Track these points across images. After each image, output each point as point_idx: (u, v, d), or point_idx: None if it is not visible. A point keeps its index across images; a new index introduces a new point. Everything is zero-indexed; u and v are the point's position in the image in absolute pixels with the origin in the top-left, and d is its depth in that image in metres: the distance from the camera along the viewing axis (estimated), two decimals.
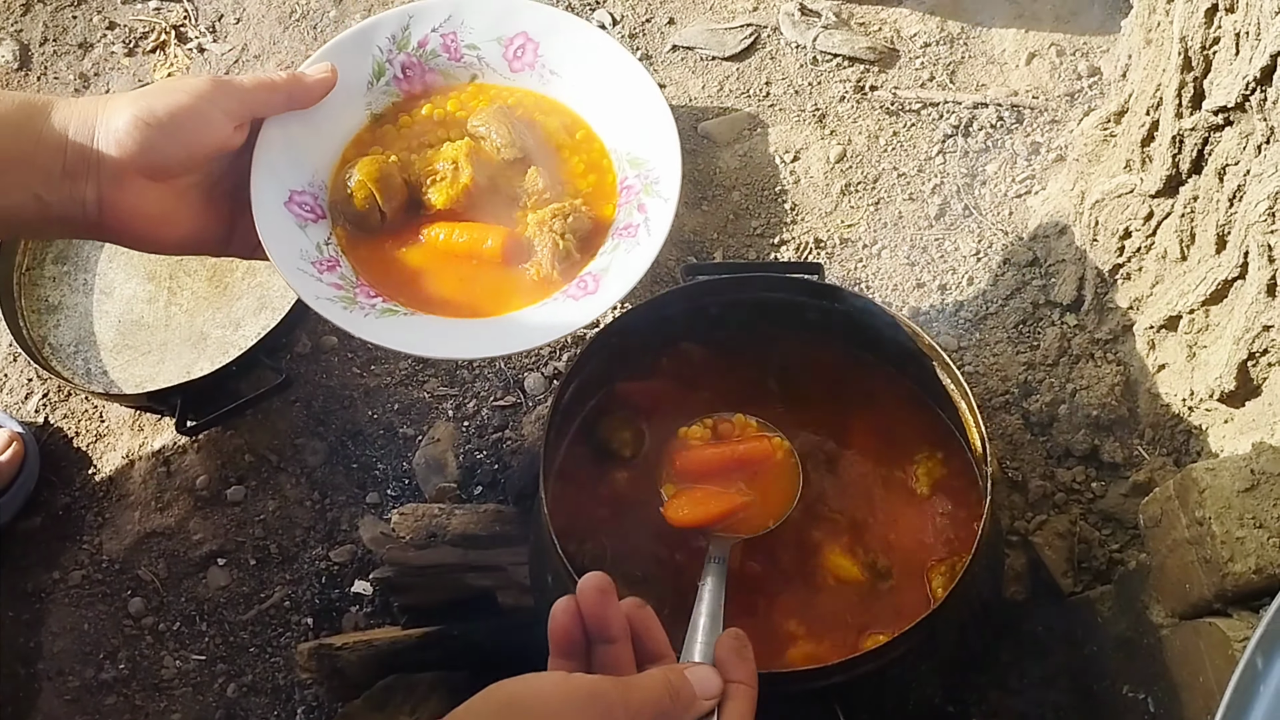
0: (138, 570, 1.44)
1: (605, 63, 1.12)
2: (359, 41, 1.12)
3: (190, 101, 0.98)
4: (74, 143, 0.96)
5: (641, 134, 1.10)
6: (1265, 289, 1.10)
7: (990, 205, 1.54)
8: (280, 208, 1.05)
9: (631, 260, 1.03)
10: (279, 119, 1.06)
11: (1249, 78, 1.04)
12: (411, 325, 1.03)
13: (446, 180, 1.08)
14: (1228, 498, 0.97)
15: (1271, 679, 0.75)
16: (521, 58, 1.15)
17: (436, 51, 1.14)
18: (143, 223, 1.01)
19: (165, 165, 0.99)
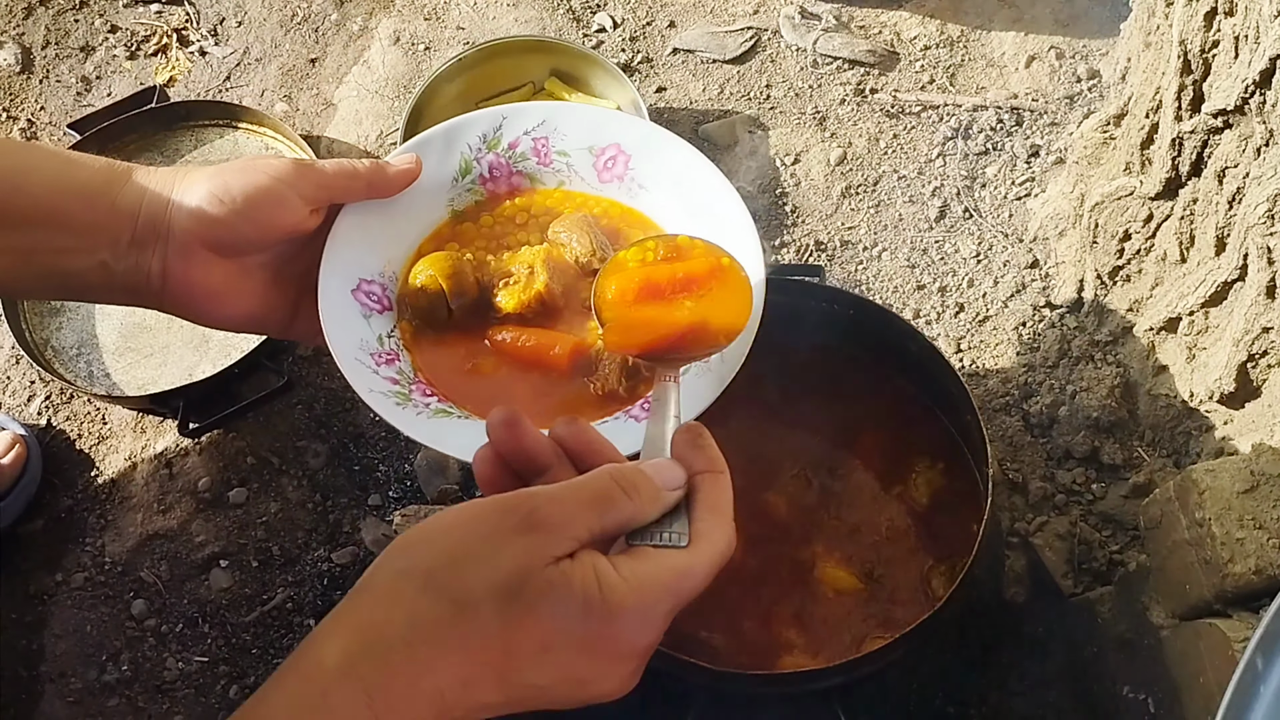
0: (140, 572, 1.44)
1: (695, 182, 1.08)
2: (449, 137, 1.09)
3: (268, 183, 0.97)
4: (146, 212, 0.96)
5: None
6: (1265, 291, 1.11)
7: (990, 207, 1.54)
8: (347, 295, 1.02)
9: (699, 385, 0.97)
10: (357, 207, 1.04)
11: (1248, 81, 1.05)
12: (463, 429, 0.98)
13: (520, 284, 1.04)
14: (1228, 499, 0.97)
15: (1272, 680, 0.75)
16: (611, 169, 1.11)
17: (526, 155, 1.11)
18: (205, 298, 0.99)
19: (235, 244, 0.98)
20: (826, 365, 1.27)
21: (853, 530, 1.19)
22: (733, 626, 1.15)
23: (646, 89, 1.69)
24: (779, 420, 1.26)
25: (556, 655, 0.67)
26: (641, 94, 1.63)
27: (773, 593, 1.17)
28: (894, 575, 1.18)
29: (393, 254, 1.07)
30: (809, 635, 1.14)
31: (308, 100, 1.78)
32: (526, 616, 0.66)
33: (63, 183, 0.96)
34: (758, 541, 1.19)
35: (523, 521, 0.67)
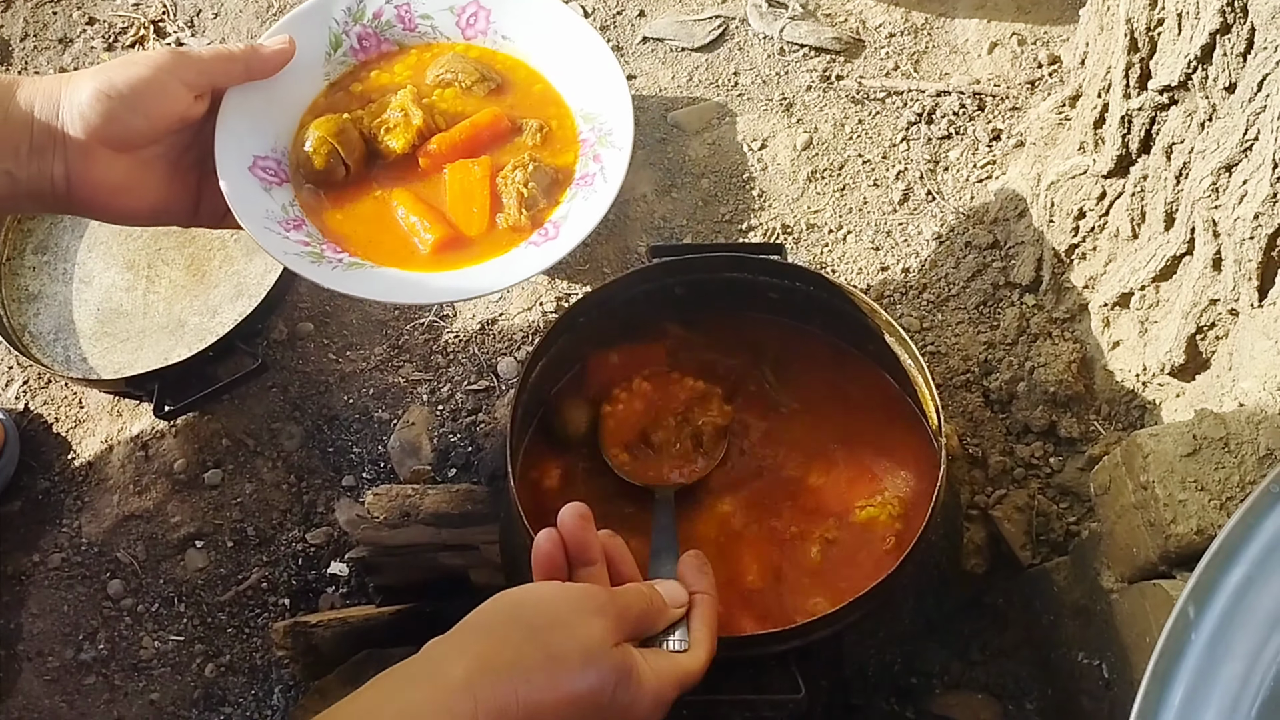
0: (116, 553, 1.46)
1: (554, 24, 1.18)
2: (316, 14, 1.17)
3: (149, 73, 1.02)
4: (39, 119, 1.00)
5: (593, 90, 1.15)
6: (1211, 264, 1.14)
7: (952, 190, 1.57)
8: (245, 172, 1.09)
9: (589, 207, 1.09)
10: (240, 89, 1.10)
11: (1190, 56, 1.08)
12: (380, 275, 1.07)
13: (400, 126, 1.13)
14: (1170, 462, 1.00)
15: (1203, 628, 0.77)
16: (474, 25, 1.20)
17: (391, 22, 1.20)
18: (109, 194, 1.04)
19: (128, 136, 1.02)
20: (786, 341, 1.30)
21: (812, 503, 1.22)
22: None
23: None
24: (737, 394, 1.28)
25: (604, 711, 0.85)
26: None
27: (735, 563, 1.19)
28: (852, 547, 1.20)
29: (279, 129, 1.15)
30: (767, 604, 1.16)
31: None
32: (596, 676, 0.85)
33: None
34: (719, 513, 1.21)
35: (599, 608, 0.88)
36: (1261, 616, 0.75)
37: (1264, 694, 0.73)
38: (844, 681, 1.14)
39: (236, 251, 1.60)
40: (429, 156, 1.13)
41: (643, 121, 1.66)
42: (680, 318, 1.31)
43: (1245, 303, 1.09)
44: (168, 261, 1.61)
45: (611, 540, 0.97)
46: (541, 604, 0.88)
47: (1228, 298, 1.12)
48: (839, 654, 1.11)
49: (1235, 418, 0.99)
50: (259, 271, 1.57)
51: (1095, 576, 1.13)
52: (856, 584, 1.11)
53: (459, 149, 1.14)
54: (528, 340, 1.54)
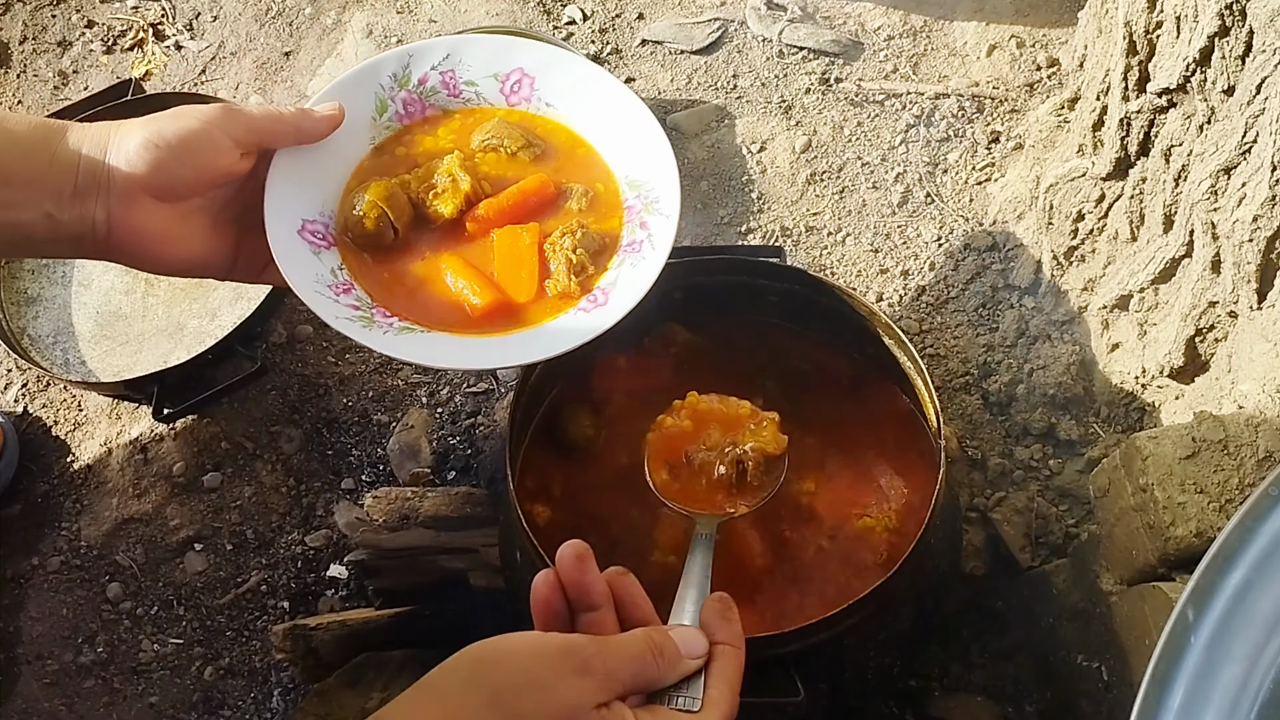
0: (116, 556, 1.46)
1: (598, 92, 1.16)
2: (363, 79, 1.16)
3: (199, 127, 1.01)
4: (86, 163, 0.99)
5: (638, 156, 1.14)
6: (1210, 266, 1.14)
7: (951, 192, 1.57)
8: (294, 236, 1.08)
9: (638, 274, 1.07)
10: (288, 153, 1.10)
11: (1189, 59, 1.08)
12: (431, 340, 1.06)
13: (448, 191, 1.12)
14: (1169, 464, 1.00)
15: (1203, 630, 0.77)
16: (518, 92, 1.19)
17: (436, 88, 1.19)
18: (149, 242, 1.03)
19: (172, 186, 1.01)
20: (787, 343, 1.30)
21: (810, 504, 1.21)
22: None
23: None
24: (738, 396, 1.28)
25: None
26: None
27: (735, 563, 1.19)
28: (851, 547, 1.20)
29: (326, 194, 1.14)
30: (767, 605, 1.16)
31: (282, 93, 1.81)
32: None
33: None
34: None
35: (580, 665, 0.77)
36: (1260, 619, 0.75)
37: (1263, 696, 0.73)
38: (843, 684, 1.14)
39: None
40: (477, 221, 1.12)
41: None
42: (681, 320, 1.30)
43: (1244, 305, 1.10)
44: None
45: (621, 579, 0.86)
46: (510, 661, 0.77)
47: (1227, 300, 1.12)
48: (838, 657, 1.11)
49: (1234, 420, 0.99)
50: None
51: (1094, 579, 1.13)
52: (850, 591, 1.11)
53: (506, 214, 1.13)
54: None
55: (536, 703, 0.75)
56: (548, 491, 1.25)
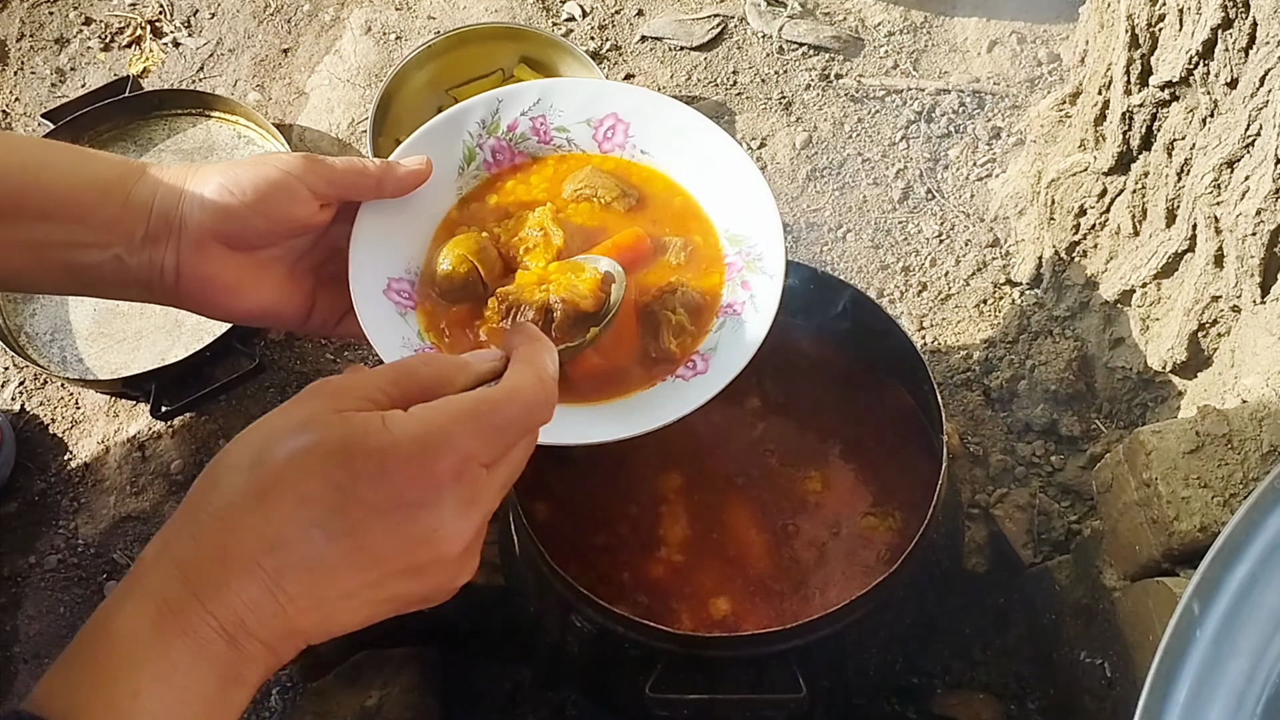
0: (113, 554, 1.45)
1: (697, 140, 1.10)
2: (449, 128, 1.10)
3: (278, 176, 0.98)
4: (160, 207, 0.97)
5: (739, 210, 1.07)
6: (1213, 260, 1.13)
7: (952, 188, 1.57)
8: (380, 296, 1.03)
9: (739, 339, 1.01)
10: (374, 206, 1.05)
11: (1192, 52, 1.07)
12: None
13: (540, 246, 1.06)
14: (1173, 459, 0.99)
15: (1208, 625, 0.77)
16: (612, 139, 1.13)
17: (526, 135, 1.12)
18: (219, 292, 1.00)
19: (246, 236, 0.98)
20: (786, 339, 1.29)
21: (811, 500, 1.21)
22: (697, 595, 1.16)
23: (615, 76, 1.71)
24: (737, 393, 1.28)
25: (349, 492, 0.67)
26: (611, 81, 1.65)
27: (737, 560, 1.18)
28: (853, 545, 1.19)
29: (413, 250, 1.07)
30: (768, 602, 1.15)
31: (280, 89, 1.80)
32: (308, 454, 0.67)
33: (78, 177, 0.96)
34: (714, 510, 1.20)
35: (310, 391, 0.71)
36: (1266, 613, 0.75)
37: (1270, 690, 0.73)
38: (845, 681, 1.13)
39: None
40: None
41: None
42: None
43: (1247, 299, 1.09)
44: None
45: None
46: (247, 432, 0.70)
47: (1230, 294, 1.11)
48: (840, 653, 1.10)
49: (1238, 414, 0.99)
50: None
51: (1097, 575, 1.12)
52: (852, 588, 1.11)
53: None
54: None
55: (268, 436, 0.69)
56: (547, 488, 1.24)
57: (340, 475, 0.67)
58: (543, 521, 1.20)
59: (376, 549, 0.68)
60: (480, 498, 0.72)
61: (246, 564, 0.66)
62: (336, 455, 0.67)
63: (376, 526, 0.68)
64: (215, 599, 0.66)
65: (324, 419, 0.69)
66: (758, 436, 1.25)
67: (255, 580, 0.66)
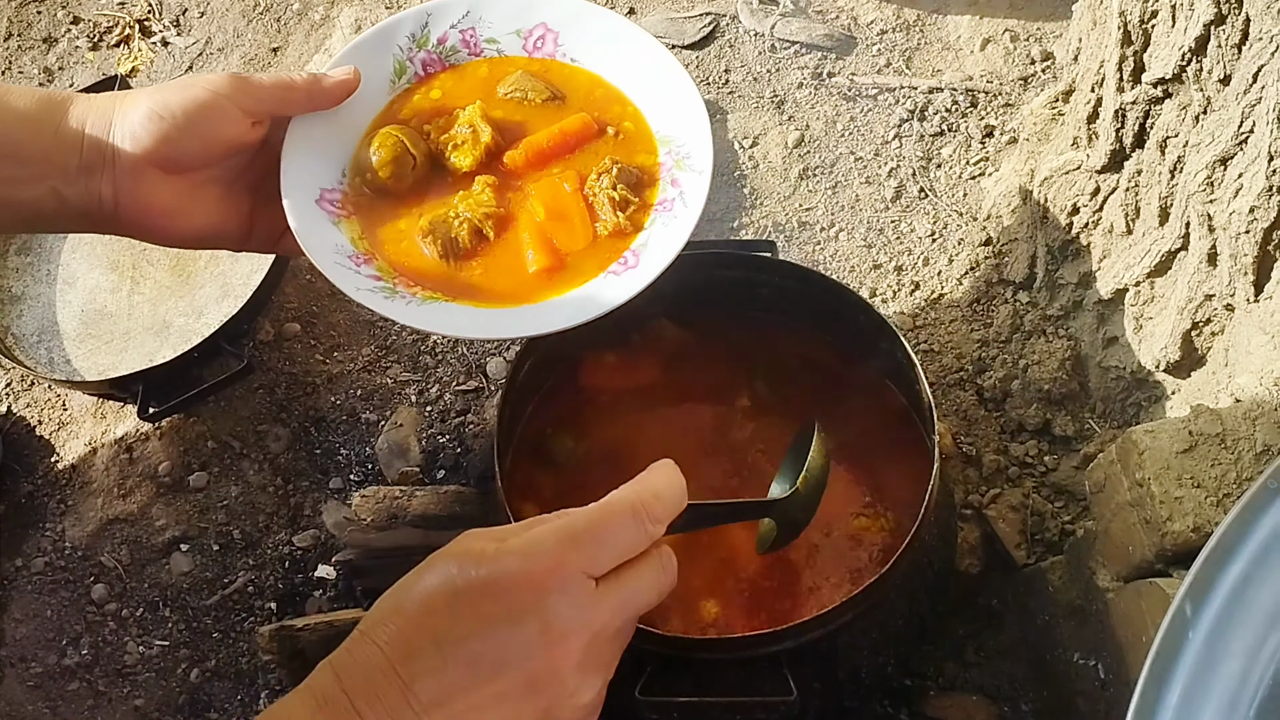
0: (100, 557, 1.44)
1: (625, 46, 1.14)
2: (379, 42, 1.13)
3: (206, 97, 0.99)
4: (90, 137, 0.97)
5: (668, 111, 1.12)
6: (1206, 258, 1.12)
7: (945, 187, 1.56)
8: (312, 206, 1.05)
9: (670, 233, 1.05)
10: (305, 120, 1.07)
11: (1184, 48, 1.06)
12: (458, 312, 1.03)
13: (468, 143, 1.10)
14: (1166, 459, 0.98)
15: (1201, 626, 0.76)
16: (542, 48, 1.16)
17: (456, 47, 1.16)
18: (158, 216, 1.01)
19: (180, 159, 0.99)
20: (779, 339, 1.28)
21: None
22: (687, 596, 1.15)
23: None
24: (728, 393, 1.27)
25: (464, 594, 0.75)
26: None
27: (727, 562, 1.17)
28: (845, 546, 1.19)
29: (345, 160, 1.11)
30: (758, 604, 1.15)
31: None
32: (435, 572, 0.77)
33: (2, 113, 0.97)
34: None
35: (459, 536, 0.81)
36: (1260, 614, 0.74)
37: (1263, 692, 0.72)
38: (837, 683, 1.12)
39: (222, 252, 1.58)
40: (511, 166, 1.11)
41: None
42: (670, 315, 1.29)
43: (1241, 298, 1.08)
44: (152, 262, 1.59)
45: None
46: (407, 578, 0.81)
47: (1223, 293, 1.11)
48: (832, 655, 1.09)
49: (1231, 413, 0.98)
50: (245, 272, 1.55)
51: (1091, 576, 1.11)
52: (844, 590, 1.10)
53: (546, 155, 1.11)
54: (517, 340, 1.52)
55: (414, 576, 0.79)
56: (537, 490, 1.23)
57: (458, 584, 0.76)
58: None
59: (492, 656, 0.75)
60: (588, 606, 0.77)
61: (385, 670, 0.74)
62: (455, 570, 0.76)
63: (490, 634, 0.75)
64: (361, 699, 0.74)
65: (452, 548, 0.79)
66: (748, 437, 1.24)
67: (393, 686, 0.74)
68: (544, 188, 1.09)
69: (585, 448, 1.25)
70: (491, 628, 0.75)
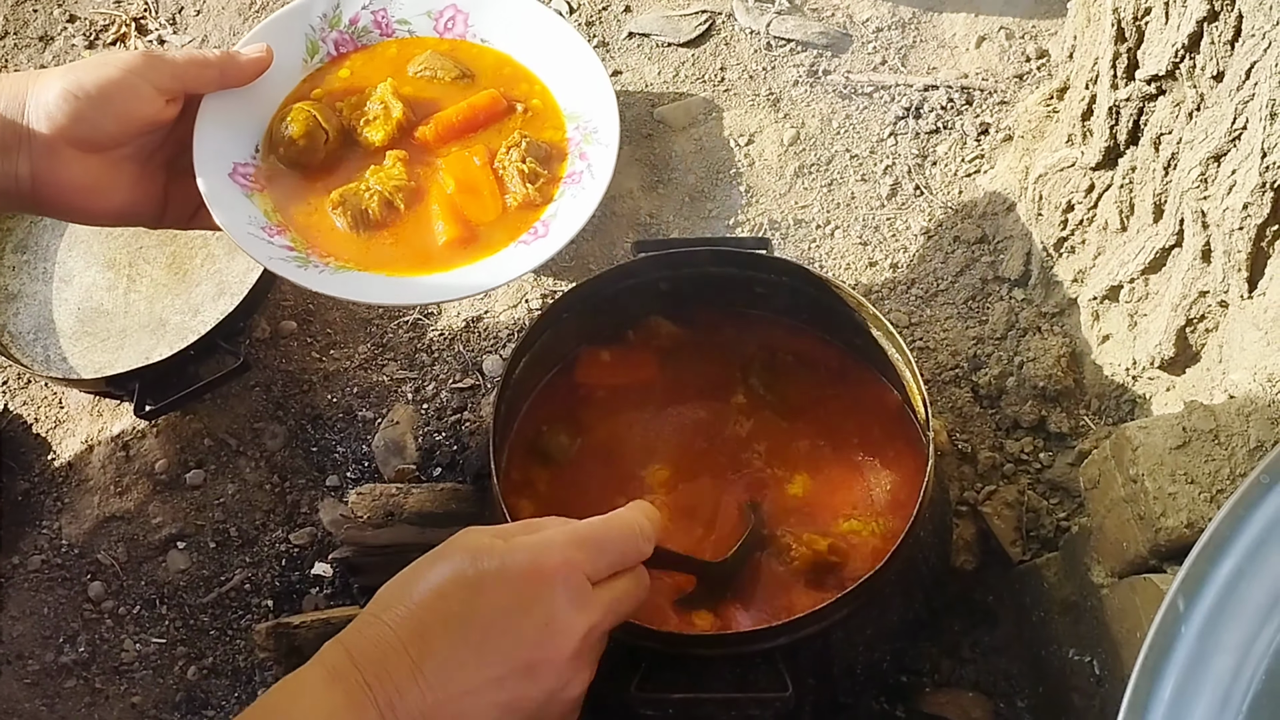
0: (97, 554, 1.44)
1: (532, 25, 1.18)
2: (292, 21, 1.17)
3: (119, 75, 1.00)
4: (4, 117, 0.98)
5: (576, 88, 1.16)
6: (1200, 255, 1.13)
7: (941, 185, 1.56)
8: (225, 179, 1.08)
9: (578, 204, 1.09)
10: (218, 96, 1.10)
11: (1178, 45, 1.07)
12: (370, 281, 1.08)
13: (380, 119, 1.13)
14: (1160, 455, 0.99)
15: (1193, 620, 0.76)
16: (452, 29, 1.20)
17: (368, 28, 1.20)
18: (75, 194, 1.03)
19: (95, 137, 1.00)
20: (774, 335, 1.29)
21: (799, 498, 1.20)
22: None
23: None
24: (723, 389, 1.27)
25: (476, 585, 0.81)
26: None
27: None
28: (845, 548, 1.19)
29: (258, 134, 1.14)
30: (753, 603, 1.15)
31: None
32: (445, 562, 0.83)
33: None
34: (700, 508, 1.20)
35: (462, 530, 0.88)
36: (1252, 608, 0.74)
37: (1256, 687, 0.72)
38: (832, 679, 1.13)
39: (218, 250, 1.58)
40: (421, 141, 1.14)
41: (628, 117, 1.65)
42: (666, 313, 1.29)
43: (1235, 294, 1.09)
44: (149, 260, 1.59)
45: None
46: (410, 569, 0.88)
47: (1217, 289, 1.11)
48: (827, 651, 1.10)
49: (1225, 410, 0.98)
50: (241, 270, 1.55)
51: (1085, 572, 1.12)
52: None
53: (456, 130, 1.14)
54: (513, 338, 1.52)
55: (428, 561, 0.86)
56: (533, 487, 1.24)
57: (470, 574, 0.81)
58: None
59: (498, 641, 0.80)
60: (587, 605, 0.84)
61: (396, 648, 0.79)
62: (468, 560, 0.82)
63: (499, 619, 0.81)
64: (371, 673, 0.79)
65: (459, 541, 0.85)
66: (743, 433, 1.25)
67: (403, 663, 0.79)
68: (453, 161, 1.13)
69: (580, 445, 1.25)
70: (502, 614, 0.80)
